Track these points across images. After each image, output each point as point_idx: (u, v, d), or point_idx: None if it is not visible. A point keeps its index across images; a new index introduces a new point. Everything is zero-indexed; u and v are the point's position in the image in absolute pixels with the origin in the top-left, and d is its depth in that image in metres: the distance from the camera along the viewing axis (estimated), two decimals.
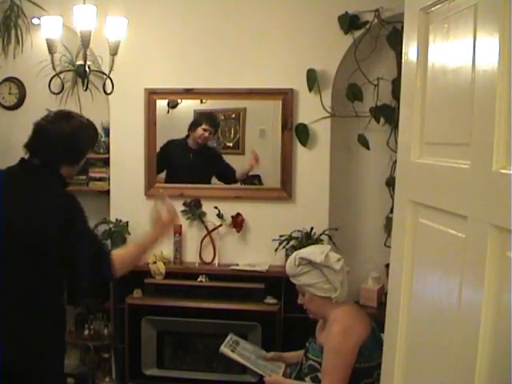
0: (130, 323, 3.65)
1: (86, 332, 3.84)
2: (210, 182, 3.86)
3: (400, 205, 1.50)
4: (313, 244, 3.51)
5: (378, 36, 3.56)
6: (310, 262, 2.25)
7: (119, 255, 2.16)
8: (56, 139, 2.14)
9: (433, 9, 1.33)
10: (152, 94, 3.75)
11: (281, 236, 3.63)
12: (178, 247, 3.76)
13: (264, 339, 3.52)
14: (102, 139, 3.89)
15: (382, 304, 3.32)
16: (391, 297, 1.53)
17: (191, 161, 3.88)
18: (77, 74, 3.30)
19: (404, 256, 1.43)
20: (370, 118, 3.64)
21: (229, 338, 2.59)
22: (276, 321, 3.53)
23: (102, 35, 3.05)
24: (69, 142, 2.16)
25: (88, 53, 3.04)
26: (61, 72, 3.29)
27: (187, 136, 3.83)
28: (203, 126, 3.78)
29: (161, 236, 2.26)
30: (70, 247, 2.07)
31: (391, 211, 3.48)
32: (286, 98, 3.65)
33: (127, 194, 3.84)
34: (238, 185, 3.82)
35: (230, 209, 3.74)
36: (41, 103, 3.90)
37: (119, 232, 3.74)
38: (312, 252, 2.27)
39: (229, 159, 3.84)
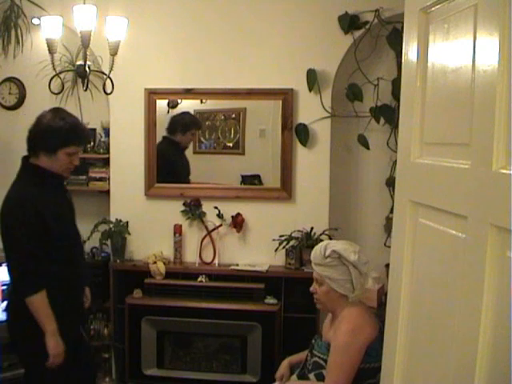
0: (130, 323, 3.65)
1: None
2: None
3: (400, 205, 1.50)
4: (312, 244, 3.52)
5: (377, 36, 3.55)
6: (340, 257, 2.21)
7: (41, 301, 2.38)
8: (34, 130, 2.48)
9: (433, 9, 1.33)
10: (152, 94, 3.75)
11: (281, 236, 3.63)
12: (178, 247, 3.76)
13: (264, 339, 3.52)
14: (102, 139, 3.89)
15: (382, 304, 3.31)
16: (391, 297, 1.53)
17: (185, 159, 3.92)
18: (77, 74, 3.29)
19: (404, 256, 1.43)
20: (370, 118, 3.64)
21: None
22: (276, 321, 3.53)
23: (102, 35, 3.05)
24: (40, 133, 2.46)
25: (88, 53, 3.04)
26: (61, 72, 3.29)
27: (173, 135, 3.86)
28: (192, 131, 3.85)
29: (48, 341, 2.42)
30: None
31: (391, 211, 3.48)
32: (286, 97, 3.64)
33: (127, 194, 3.84)
34: (238, 185, 3.82)
35: (229, 209, 3.74)
36: (41, 103, 3.89)
37: (119, 232, 3.75)
38: (346, 248, 2.22)
39: (229, 159, 3.85)
